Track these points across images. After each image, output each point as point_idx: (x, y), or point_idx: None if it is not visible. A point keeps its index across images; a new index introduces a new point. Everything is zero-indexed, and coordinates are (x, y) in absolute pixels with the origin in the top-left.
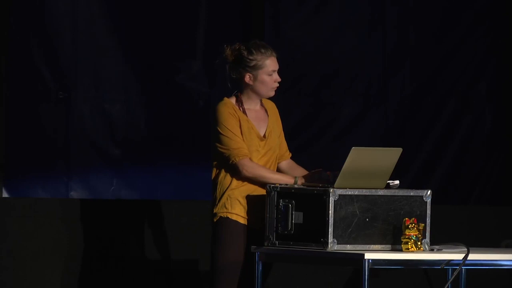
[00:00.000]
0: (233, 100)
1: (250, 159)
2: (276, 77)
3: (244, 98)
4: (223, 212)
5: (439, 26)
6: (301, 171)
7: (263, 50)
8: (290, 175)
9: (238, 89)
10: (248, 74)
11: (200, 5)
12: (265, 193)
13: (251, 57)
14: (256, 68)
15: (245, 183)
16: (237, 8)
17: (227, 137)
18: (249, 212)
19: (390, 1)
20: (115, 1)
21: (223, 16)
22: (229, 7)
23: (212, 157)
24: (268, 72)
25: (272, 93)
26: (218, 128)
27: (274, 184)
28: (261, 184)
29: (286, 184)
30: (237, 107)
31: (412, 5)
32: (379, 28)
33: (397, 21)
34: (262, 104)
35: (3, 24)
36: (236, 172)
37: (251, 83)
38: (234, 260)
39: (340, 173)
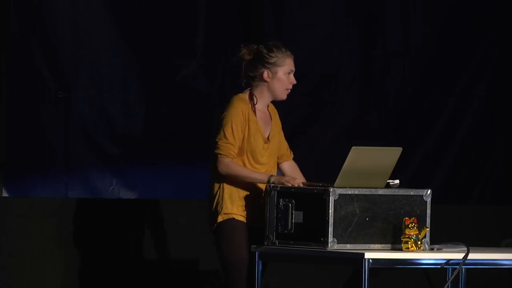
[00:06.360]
0: (246, 96)
1: (232, 160)
2: (292, 78)
3: (256, 96)
4: (224, 212)
5: (439, 26)
6: (299, 177)
7: (283, 49)
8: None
9: (251, 87)
10: (267, 70)
11: (200, 5)
12: (263, 190)
13: (272, 54)
14: (276, 65)
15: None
16: (237, 8)
17: (230, 128)
18: (249, 210)
19: (391, 1)
20: (116, 1)
21: (223, 16)
22: (229, 7)
23: (212, 155)
24: (286, 70)
25: (284, 96)
26: (224, 117)
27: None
28: (239, 182)
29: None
30: (250, 106)
31: (412, 5)
32: (379, 28)
33: (397, 21)
34: (267, 107)
35: (3, 24)
36: (214, 163)
37: (268, 80)
38: (243, 256)
39: (340, 172)
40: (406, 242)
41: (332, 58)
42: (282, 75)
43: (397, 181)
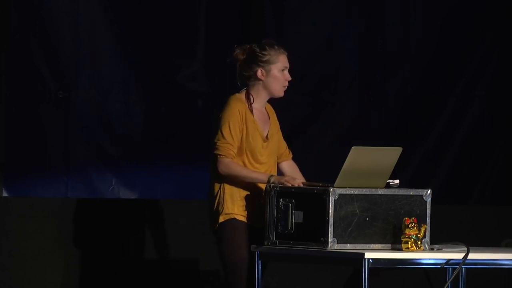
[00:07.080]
0: (243, 96)
1: (232, 160)
2: (287, 75)
3: (253, 95)
4: (225, 212)
5: (439, 26)
6: (299, 177)
7: (276, 47)
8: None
9: (247, 87)
10: (261, 69)
11: (200, 5)
12: (264, 190)
13: (264, 52)
14: (269, 62)
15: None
16: (237, 8)
17: (227, 128)
18: (249, 210)
19: (391, 1)
20: (115, 1)
21: (223, 16)
22: (229, 7)
23: (211, 155)
24: (280, 67)
25: (281, 93)
26: (221, 117)
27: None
28: (239, 182)
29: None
30: (247, 105)
31: (412, 5)
32: (379, 28)
33: (397, 21)
34: (264, 107)
35: (3, 24)
36: (214, 163)
37: (263, 78)
38: (243, 256)
39: (340, 172)
40: (406, 242)
41: (332, 58)
42: (276, 73)
43: (397, 181)
